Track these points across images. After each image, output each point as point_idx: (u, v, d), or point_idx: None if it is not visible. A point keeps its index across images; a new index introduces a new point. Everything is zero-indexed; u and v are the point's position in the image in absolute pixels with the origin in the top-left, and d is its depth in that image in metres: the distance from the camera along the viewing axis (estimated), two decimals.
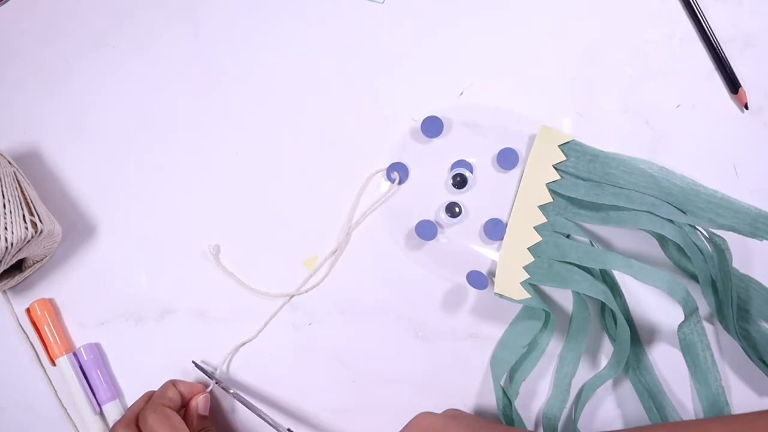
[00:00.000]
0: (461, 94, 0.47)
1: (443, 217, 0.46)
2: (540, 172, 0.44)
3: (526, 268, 0.44)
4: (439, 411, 0.42)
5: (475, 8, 0.48)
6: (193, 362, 0.45)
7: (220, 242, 0.47)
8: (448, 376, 0.45)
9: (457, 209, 0.45)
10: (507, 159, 0.45)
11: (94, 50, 0.50)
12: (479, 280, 0.44)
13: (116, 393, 0.46)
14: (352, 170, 0.47)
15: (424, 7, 0.48)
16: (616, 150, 0.45)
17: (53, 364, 0.46)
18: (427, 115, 0.46)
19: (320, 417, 0.46)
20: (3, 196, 0.42)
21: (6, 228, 0.41)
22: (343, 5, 0.48)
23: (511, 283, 0.43)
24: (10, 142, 0.49)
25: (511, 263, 0.44)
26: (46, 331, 0.46)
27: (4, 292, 0.48)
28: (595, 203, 0.43)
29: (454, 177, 0.46)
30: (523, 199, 0.45)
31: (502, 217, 0.45)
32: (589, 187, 0.43)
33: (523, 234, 0.44)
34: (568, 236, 0.44)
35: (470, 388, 0.45)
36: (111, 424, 0.46)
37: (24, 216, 0.42)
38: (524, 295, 0.43)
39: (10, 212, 0.42)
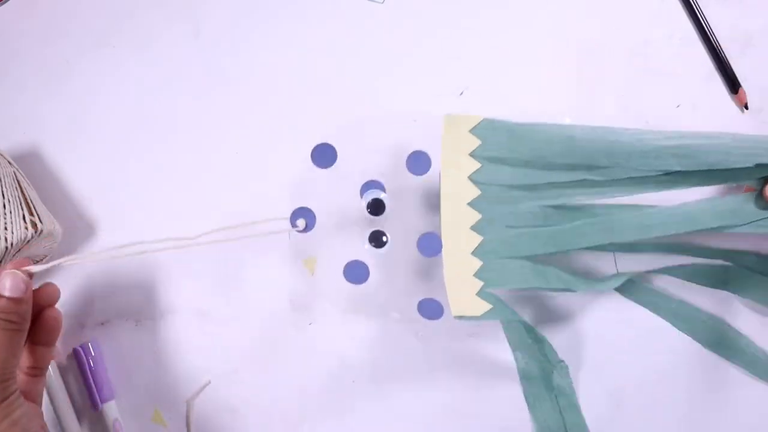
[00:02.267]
0: (461, 94, 0.47)
1: (368, 248, 0.40)
2: (457, 165, 0.39)
3: (477, 275, 0.39)
4: (441, 411, 0.42)
5: (475, 8, 0.48)
6: None
7: (220, 241, 0.47)
8: (449, 376, 0.45)
9: (383, 238, 0.40)
10: (418, 163, 0.40)
11: (94, 50, 0.50)
12: (432, 308, 0.40)
13: (113, 393, 0.46)
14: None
15: (424, 8, 0.48)
16: None
17: None
18: (317, 144, 0.41)
19: (320, 417, 0.46)
20: (3, 196, 0.42)
21: (6, 228, 0.41)
22: (343, 5, 0.48)
23: (466, 298, 0.38)
24: (10, 142, 0.49)
25: (458, 276, 0.39)
26: None
27: None
28: (530, 183, 0.39)
29: (368, 203, 0.41)
30: (448, 201, 0.39)
31: (434, 228, 0.41)
32: (513, 169, 0.38)
33: (461, 238, 0.39)
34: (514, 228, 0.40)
35: (470, 389, 0.45)
36: (108, 425, 0.46)
37: (24, 216, 0.42)
38: (485, 307, 0.38)
39: (10, 212, 0.42)
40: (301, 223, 0.41)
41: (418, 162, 0.40)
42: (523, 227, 0.39)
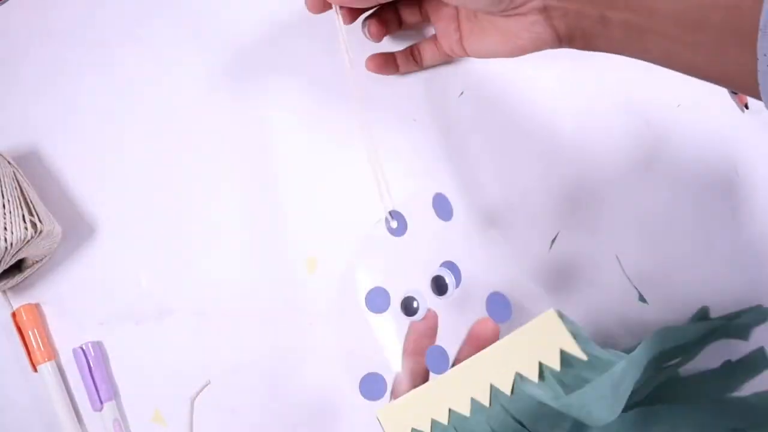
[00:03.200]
0: (461, 94, 0.47)
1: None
2: (528, 350, 0.33)
3: (435, 423, 0.35)
4: None
5: None
6: None
7: (220, 242, 0.47)
8: None
9: (414, 304, 0.38)
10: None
11: (94, 50, 0.50)
12: (374, 386, 0.37)
13: (113, 393, 0.46)
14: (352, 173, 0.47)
15: None
16: (616, 151, 0.45)
17: (35, 370, 0.46)
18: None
19: (321, 417, 0.46)
20: (2, 196, 0.42)
21: (5, 228, 0.41)
22: None
23: (406, 419, 0.35)
24: (10, 142, 0.49)
25: (425, 400, 0.35)
26: (30, 336, 0.46)
27: (4, 292, 0.48)
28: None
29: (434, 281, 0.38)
30: (496, 354, 0.34)
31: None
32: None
33: (463, 386, 0.35)
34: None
35: None
36: (108, 425, 0.46)
37: (24, 216, 0.42)
38: None
39: (10, 212, 0.42)
40: (394, 224, 0.39)
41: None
42: None
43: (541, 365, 0.33)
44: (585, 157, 0.46)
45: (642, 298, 0.43)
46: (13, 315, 0.47)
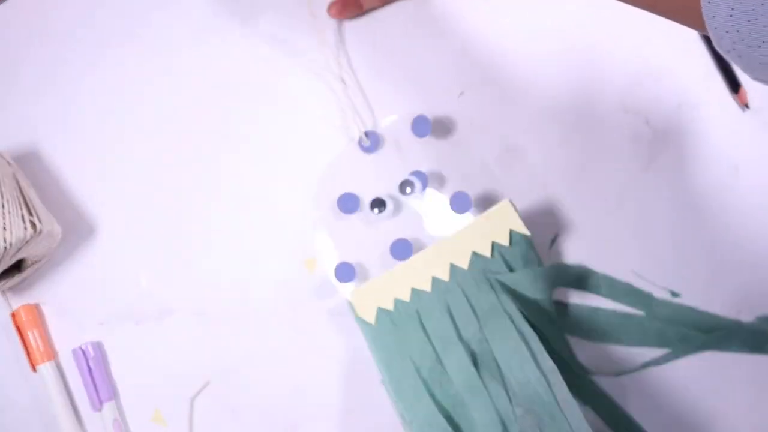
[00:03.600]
0: (461, 94, 0.47)
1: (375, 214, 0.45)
2: (483, 233, 0.42)
3: (397, 301, 0.42)
4: None
5: (475, 8, 0.48)
6: None
7: (220, 242, 0.47)
8: None
9: (384, 203, 0.45)
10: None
11: (95, 50, 0.50)
12: (345, 272, 0.44)
13: (113, 393, 0.46)
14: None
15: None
16: (616, 149, 0.45)
17: (35, 370, 0.46)
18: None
19: (320, 417, 0.46)
20: (2, 196, 0.42)
21: (5, 228, 0.41)
22: None
23: (373, 300, 0.42)
24: (10, 142, 0.49)
25: (390, 283, 0.42)
26: (30, 336, 0.46)
27: (4, 292, 0.48)
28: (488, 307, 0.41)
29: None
30: (457, 239, 0.42)
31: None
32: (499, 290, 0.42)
33: (425, 268, 0.42)
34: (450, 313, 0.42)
35: None
36: (108, 425, 0.46)
37: (23, 216, 0.42)
38: (370, 319, 0.42)
39: (10, 212, 0.42)
40: (366, 142, 0.46)
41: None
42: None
43: (493, 244, 0.42)
44: (585, 157, 0.46)
45: (674, 293, 0.45)
46: (13, 315, 0.47)
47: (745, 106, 0.45)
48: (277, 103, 0.48)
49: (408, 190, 0.45)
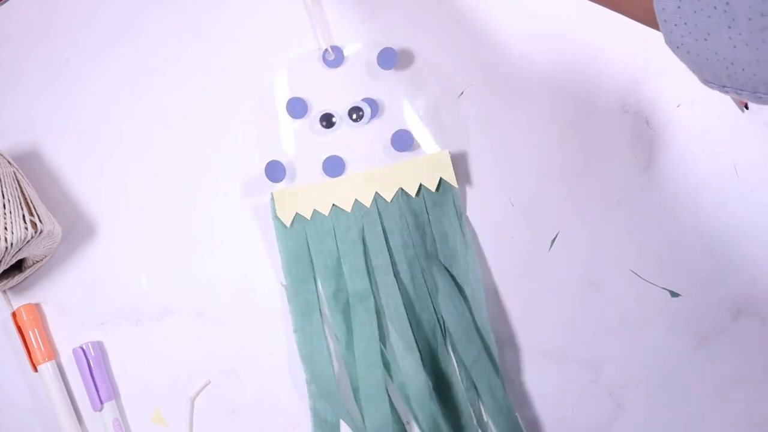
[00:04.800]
0: (461, 94, 0.47)
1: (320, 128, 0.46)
2: (415, 174, 0.45)
3: (316, 213, 0.45)
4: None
5: (477, 7, 0.48)
6: None
7: (220, 242, 0.47)
8: None
9: (332, 119, 0.46)
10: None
11: (94, 50, 0.50)
12: (276, 170, 0.46)
13: (113, 393, 0.46)
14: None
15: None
16: (616, 149, 0.45)
17: (35, 370, 0.46)
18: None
19: None
20: (3, 196, 0.42)
21: (6, 228, 0.41)
22: None
23: (293, 204, 0.45)
24: (10, 142, 0.49)
25: (314, 195, 0.45)
26: (30, 336, 0.46)
27: (4, 292, 0.48)
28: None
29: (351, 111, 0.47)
30: (388, 172, 0.45)
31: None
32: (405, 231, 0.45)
33: (351, 190, 0.45)
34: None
35: None
36: (108, 425, 0.46)
37: (24, 216, 0.42)
38: (286, 221, 0.45)
39: (10, 212, 0.42)
40: (331, 56, 0.47)
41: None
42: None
43: (421, 186, 0.45)
44: (585, 157, 0.46)
45: (674, 293, 0.45)
46: (14, 315, 0.47)
47: (745, 106, 0.45)
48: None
49: (355, 116, 0.46)
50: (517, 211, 0.46)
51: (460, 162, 0.46)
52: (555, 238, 0.46)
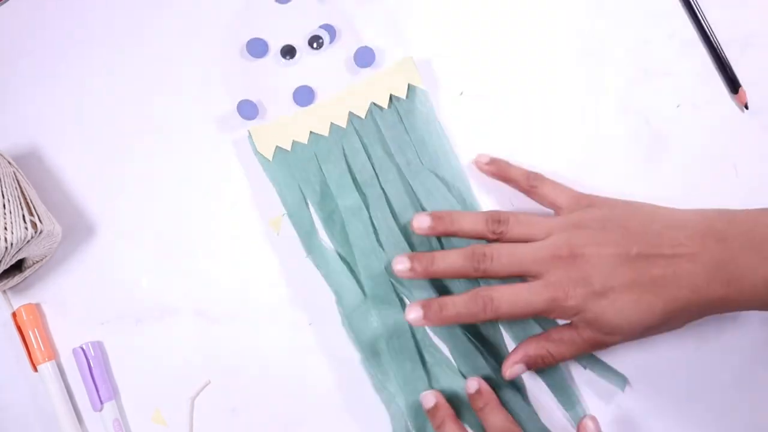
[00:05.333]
0: (461, 94, 0.47)
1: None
2: (383, 86, 0.46)
3: (295, 143, 0.46)
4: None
5: (477, 6, 0.48)
6: None
7: (220, 242, 0.47)
8: None
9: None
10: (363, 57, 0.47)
11: (94, 50, 0.50)
12: (248, 109, 0.47)
13: (113, 393, 0.46)
14: None
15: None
16: (616, 149, 0.45)
17: (35, 370, 0.46)
18: None
19: (320, 417, 0.46)
20: (3, 196, 0.42)
21: (6, 228, 0.41)
22: None
23: (272, 138, 0.46)
24: (10, 142, 0.49)
25: (290, 126, 0.46)
26: (30, 336, 0.46)
27: (4, 292, 0.48)
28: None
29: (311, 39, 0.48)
30: (356, 90, 0.46)
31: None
32: (390, 137, 0.46)
33: (325, 115, 0.46)
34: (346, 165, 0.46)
35: None
36: (108, 425, 0.46)
37: (24, 216, 0.42)
38: (268, 155, 0.46)
39: (10, 212, 0.42)
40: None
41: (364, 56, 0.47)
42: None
43: (391, 96, 0.46)
44: (585, 157, 0.46)
45: None
46: (14, 315, 0.47)
47: (745, 106, 0.45)
48: None
49: (315, 44, 0.47)
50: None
51: (425, 67, 0.47)
52: None
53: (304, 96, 0.47)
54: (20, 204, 0.43)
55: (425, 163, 0.46)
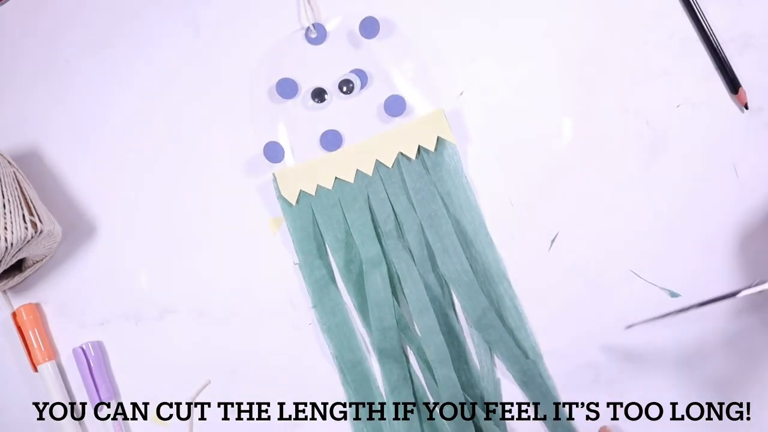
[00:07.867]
0: (461, 93, 0.47)
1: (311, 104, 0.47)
2: (412, 136, 0.45)
3: (320, 188, 0.46)
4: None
5: (477, 7, 0.48)
6: None
7: (220, 242, 0.47)
8: None
9: (324, 95, 0.46)
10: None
11: (94, 50, 0.50)
12: (274, 151, 0.46)
13: (113, 393, 0.46)
14: None
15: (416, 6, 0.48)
16: (616, 151, 0.45)
17: (35, 370, 0.46)
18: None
19: (320, 417, 0.46)
20: (3, 196, 0.42)
21: (6, 228, 0.41)
22: None
23: (296, 182, 0.45)
24: (10, 142, 0.49)
25: (315, 170, 0.46)
26: (30, 336, 0.46)
27: (4, 292, 0.48)
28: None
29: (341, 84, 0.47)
30: (385, 138, 0.46)
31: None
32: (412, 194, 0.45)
33: (351, 161, 0.46)
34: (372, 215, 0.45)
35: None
36: (108, 425, 0.46)
37: (24, 216, 0.42)
38: (291, 200, 0.45)
39: (10, 212, 0.42)
40: (313, 34, 0.47)
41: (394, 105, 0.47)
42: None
43: (420, 147, 0.46)
44: (585, 157, 0.46)
45: (673, 294, 0.44)
46: (14, 315, 0.47)
47: (745, 106, 0.45)
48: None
49: (346, 88, 0.46)
50: (516, 211, 0.46)
51: (456, 120, 0.47)
52: (555, 238, 0.46)
53: (331, 140, 0.46)
54: (20, 204, 0.43)
55: (451, 216, 0.45)
